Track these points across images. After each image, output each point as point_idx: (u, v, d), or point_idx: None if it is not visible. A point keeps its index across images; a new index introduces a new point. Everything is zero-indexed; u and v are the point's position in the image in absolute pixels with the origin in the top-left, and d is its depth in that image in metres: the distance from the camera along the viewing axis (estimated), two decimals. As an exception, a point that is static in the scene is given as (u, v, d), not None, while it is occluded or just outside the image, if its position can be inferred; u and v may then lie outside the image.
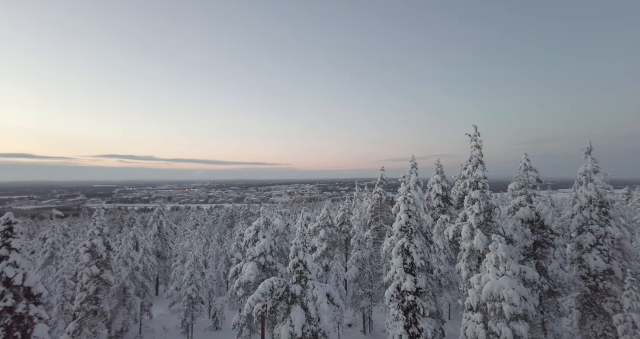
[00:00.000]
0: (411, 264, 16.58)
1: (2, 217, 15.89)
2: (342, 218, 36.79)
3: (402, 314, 15.67)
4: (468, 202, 18.86)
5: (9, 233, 15.66)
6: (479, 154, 18.98)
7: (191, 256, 31.96)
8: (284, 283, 16.31)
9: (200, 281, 31.41)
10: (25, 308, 15.07)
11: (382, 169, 35.76)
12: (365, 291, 27.76)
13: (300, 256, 16.05)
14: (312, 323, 15.06)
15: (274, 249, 23.11)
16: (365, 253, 28.37)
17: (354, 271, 27.77)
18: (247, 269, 21.60)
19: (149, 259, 34.86)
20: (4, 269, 14.88)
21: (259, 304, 15.79)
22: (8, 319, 14.52)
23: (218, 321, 32.29)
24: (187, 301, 29.75)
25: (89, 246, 26.64)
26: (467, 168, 19.66)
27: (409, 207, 17.47)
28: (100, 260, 26.69)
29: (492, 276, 13.18)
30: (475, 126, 19.03)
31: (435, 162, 32.89)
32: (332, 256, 33.51)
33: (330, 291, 16.20)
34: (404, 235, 17.05)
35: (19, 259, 15.49)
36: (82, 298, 25.35)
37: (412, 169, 27.93)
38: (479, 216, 18.12)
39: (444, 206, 31.82)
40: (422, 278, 18.21)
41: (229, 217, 78.36)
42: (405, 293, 15.92)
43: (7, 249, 15.36)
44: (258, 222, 23.69)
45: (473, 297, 13.63)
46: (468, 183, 19.31)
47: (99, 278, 26.16)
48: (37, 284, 15.98)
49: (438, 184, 31.87)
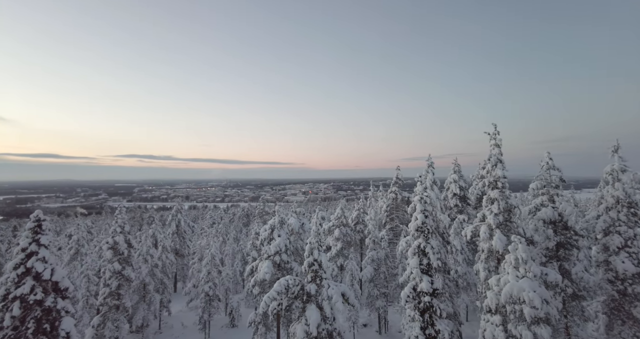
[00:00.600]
0: (428, 265, 16.35)
1: (32, 215, 16.65)
2: (357, 218, 36.64)
3: (418, 315, 15.48)
4: (487, 202, 18.45)
5: (38, 230, 16.38)
6: (498, 153, 18.55)
7: (208, 254, 32.54)
8: (299, 282, 16.41)
9: (217, 278, 31.96)
10: (53, 302, 15.74)
11: (397, 168, 35.39)
12: (381, 291, 27.57)
13: (315, 255, 16.10)
14: (327, 322, 15.09)
15: (289, 248, 23.27)
16: (380, 253, 28.17)
17: (369, 271, 27.62)
18: (262, 268, 21.84)
19: (168, 257, 35.74)
20: (34, 264, 15.58)
21: (274, 303, 15.94)
22: (38, 312, 15.21)
23: (234, 319, 32.77)
24: (204, 298, 30.34)
25: (111, 243, 27.54)
26: (485, 167, 19.23)
27: (426, 207, 17.23)
28: (121, 257, 27.55)
29: (511, 278, 12.83)
30: (494, 124, 18.60)
31: (452, 162, 32.33)
32: (347, 256, 33.43)
33: (346, 290, 16.18)
34: (420, 235, 16.83)
35: (48, 254, 16.18)
36: (105, 293, 26.24)
37: (428, 169, 27.51)
38: (498, 216, 17.69)
39: (461, 206, 31.23)
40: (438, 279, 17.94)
41: (245, 216, 79.35)
42: (421, 294, 15.72)
43: (37, 245, 16.08)
44: (273, 221, 23.92)
45: (492, 299, 13.31)
46: (487, 183, 18.89)
47: (121, 274, 27.01)
48: (63, 279, 16.66)
49: (455, 184, 31.30)
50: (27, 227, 16.53)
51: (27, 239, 16.11)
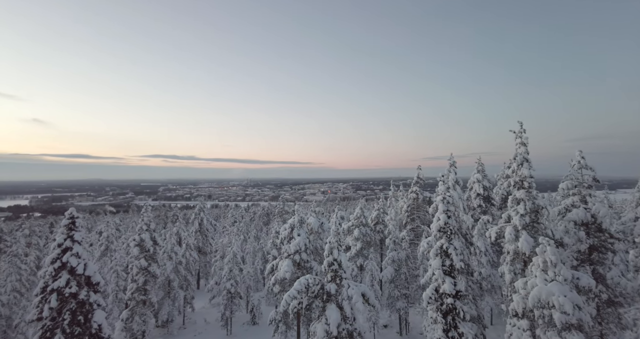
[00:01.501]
0: (450, 266, 15.99)
1: (66, 212, 17.58)
2: (377, 218, 36.30)
3: (440, 318, 15.17)
4: (512, 202, 17.81)
5: (72, 227, 17.27)
6: (524, 152, 17.85)
7: (230, 252, 33.20)
8: (319, 281, 16.45)
9: (238, 276, 32.58)
10: (86, 295, 16.56)
11: (418, 167, 34.78)
12: (402, 292, 27.21)
13: (334, 254, 16.08)
14: (347, 322, 15.05)
15: (309, 247, 23.40)
16: (401, 254, 27.80)
17: (389, 271, 27.32)
18: (282, 266, 22.07)
19: (191, 254, 36.76)
20: (68, 259, 16.45)
21: (294, 301, 16.06)
22: (73, 304, 16.05)
23: (255, 316, 33.28)
24: (226, 295, 31.00)
25: (138, 241, 28.64)
26: (511, 166, 18.56)
27: (448, 208, 16.85)
28: (148, 254, 28.60)
29: (539, 281, 12.33)
30: (520, 122, 17.92)
31: (475, 161, 31.42)
32: (367, 256, 33.21)
33: (366, 291, 16.08)
34: (442, 236, 16.48)
35: (81, 250, 17.04)
36: (132, 288, 27.32)
37: (450, 168, 26.88)
38: (525, 217, 17.04)
39: (485, 207, 30.31)
40: (461, 281, 17.50)
41: (265, 215, 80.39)
42: (444, 296, 15.39)
43: (71, 241, 16.96)
44: (293, 221, 24.12)
45: (518, 303, 12.85)
46: (512, 182, 18.23)
47: (147, 271, 28.04)
48: (95, 273, 17.49)
49: (479, 184, 30.41)
50: (62, 224, 17.46)
51: (63, 235, 17.02)
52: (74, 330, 15.90)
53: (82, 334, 16.15)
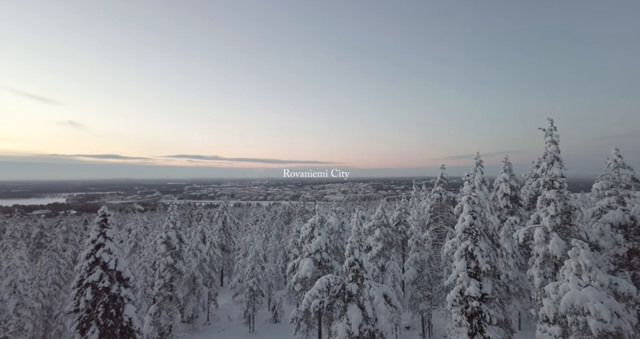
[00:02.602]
0: (476, 268, 15.53)
1: (99, 210, 18.48)
2: (399, 218, 35.82)
3: (465, 321, 14.77)
4: (542, 203, 17.10)
5: (104, 224, 18.13)
6: (555, 150, 17.08)
7: (252, 250, 33.78)
8: (340, 281, 16.45)
9: (260, 274, 33.08)
10: (117, 289, 17.36)
11: (442, 167, 33.97)
12: (424, 293, 26.72)
13: (356, 254, 16.03)
14: (369, 322, 14.96)
15: (329, 246, 23.41)
16: (424, 255, 27.29)
17: (412, 272, 26.90)
18: (304, 265, 22.20)
19: (215, 252, 37.71)
20: (101, 255, 17.30)
21: (316, 301, 16.14)
22: (105, 298, 16.87)
23: (277, 314, 33.68)
24: (248, 293, 31.56)
25: (164, 238, 29.67)
26: (540, 166, 17.82)
27: (474, 208, 16.37)
28: (174, 251, 29.57)
29: (572, 286, 11.74)
30: (550, 119, 17.15)
31: (502, 160, 30.34)
32: (388, 257, 32.83)
33: (388, 291, 15.92)
34: (467, 237, 16.03)
35: (112, 246, 17.87)
36: (160, 284, 28.34)
37: (476, 167, 26.06)
38: (555, 218, 16.31)
39: (512, 207, 29.23)
40: (487, 284, 16.98)
41: (286, 214, 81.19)
42: (469, 298, 14.97)
43: (103, 237, 17.82)
44: (313, 220, 24.21)
45: (549, 308, 12.29)
46: (542, 182, 17.50)
47: (173, 268, 28.99)
48: (125, 269, 18.29)
49: (506, 183, 29.35)
50: (95, 221, 18.37)
51: (96, 232, 17.91)
52: (107, 322, 16.72)
53: (114, 327, 16.94)
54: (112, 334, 16.85)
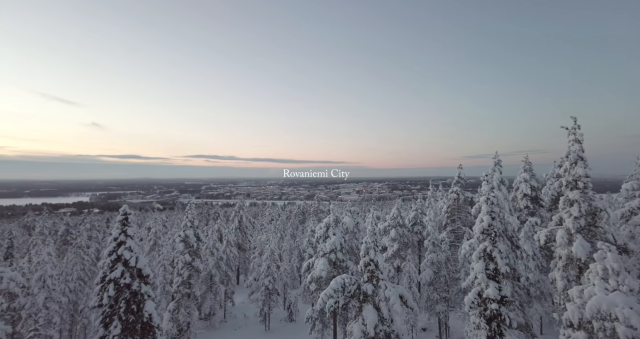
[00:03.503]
0: (494, 270, 15.17)
1: (120, 209, 19.08)
2: (415, 218, 35.34)
3: (484, 324, 14.45)
4: (564, 203, 16.53)
5: (126, 222, 18.70)
6: (578, 149, 16.47)
7: (268, 249, 34.12)
8: (356, 281, 16.40)
9: (276, 273, 33.39)
10: (138, 286, 17.88)
11: (459, 167, 33.31)
12: (441, 295, 26.29)
13: (371, 255, 15.94)
14: (384, 323, 14.86)
15: (344, 246, 23.37)
16: (440, 256, 26.86)
17: (428, 274, 26.51)
18: (318, 265, 22.24)
19: (232, 251, 38.30)
20: (123, 252, 17.85)
21: (331, 300, 16.15)
22: (127, 294, 17.42)
23: (292, 313, 33.90)
24: (264, 291, 31.89)
25: (182, 237, 30.33)
26: (562, 165, 17.21)
27: (493, 209, 15.99)
28: (192, 249, 30.20)
29: (599, 290, 11.29)
30: (574, 118, 16.55)
31: (522, 159, 29.47)
32: (404, 257, 32.47)
33: (404, 292, 15.77)
34: (486, 238, 15.68)
35: (133, 244, 18.41)
36: (178, 281, 29.02)
37: (495, 167, 25.44)
38: (579, 219, 15.73)
39: (532, 208, 28.37)
40: (507, 286, 16.52)
41: (301, 214, 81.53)
42: (488, 301, 14.64)
43: (125, 235, 18.38)
44: (328, 220, 24.21)
45: (574, 312, 11.87)
46: (564, 182, 16.90)
47: (191, 266, 29.62)
48: (145, 266, 18.80)
49: (526, 183, 28.52)
50: (117, 219, 18.96)
51: (117, 230, 18.48)
52: (129, 318, 17.25)
53: (135, 322, 17.47)
54: (133, 329, 17.37)
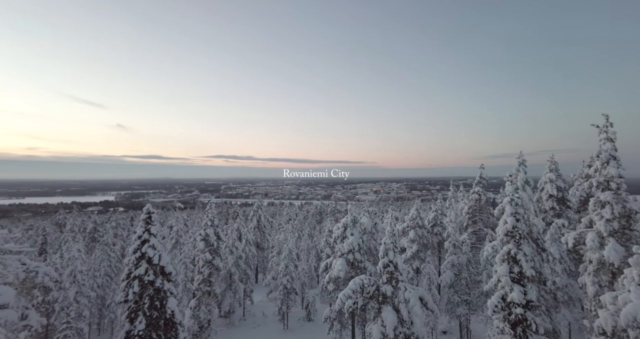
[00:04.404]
0: (519, 274, 14.67)
1: (144, 208, 19.69)
2: (434, 219, 34.71)
3: (508, 328, 14.00)
4: (595, 205, 15.80)
5: (149, 221, 19.27)
6: (610, 148, 15.70)
7: (285, 249, 34.36)
8: (375, 282, 16.25)
9: (293, 272, 33.57)
10: (161, 283, 18.40)
11: (481, 166, 32.47)
12: (462, 298, 25.69)
13: (390, 256, 15.76)
14: (404, 325, 14.66)
15: (362, 247, 23.23)
16: (461, 258, 26.25)
17: (448, 276, 25.97)
18: (336, 265, 22.21)
19: (250, 250, 38.80)
20: (146, 250, 18.41)
21: (350, 301, 16.08)
22: (151, 291, 17.97)
23: (310, 313, 33.98)
24: (282, 290, 32.14)
25: (203, 235, 30.98)
26: (593, 165, 16.46)
27: (517, 210, 15.47)
28: (212, 248, 30.79)
29: (635, 297, 10.71)
30: (606, 115, 15.79)
31: (548, 159, 28.39)
32: (424, 259, 31.95)
33: (424, 294, 15.50)
34: (510, 241, 15.19)
35: (156, 242, 18.95)
36: (199, 279, 29.65)
37: (519, 167, 24.62)
38: (612, 222, 14.99)
39: (559, 209, 27.26)
40: (532, 290, 15.95)
41: (318, 214, 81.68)
42: (512, 305, 14.18)
43: (148, 233, 18.95)
44: (346, 220, 24.12)
45: (606, 320, 11.31)
46: (595, 183, 16.15)
47: (212, 264, 30.20)
48: (168, 264, 19.31)
49: (552, 184, 27.44)
50: (140, 218, 19.58)
51: (141, 228, 19.08)
52: (152, 314, 17.79)
53: (158, 318, 17.99)
54: (157, 325, 17.90)
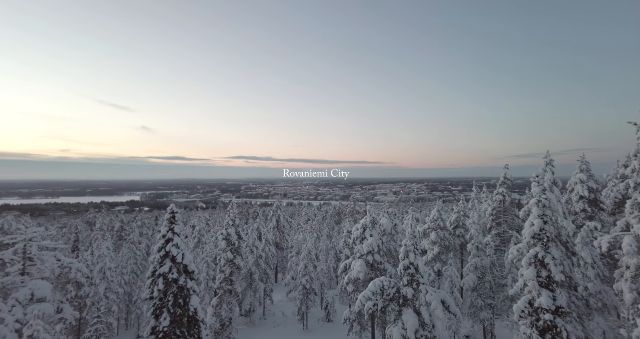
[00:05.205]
0: (547, 278, 14.07)
1: (168, 208, 20.30)
2: (457, 221, 33.87)
3: (537, 335, 13.45)
4: (633, 208, 14.92)
5: (173, 220, 19.85)
6: (650, 147, 14.78)
7: (305, 249, 34.51)
8: (395, 284, 16.04)
9: (313, 273, 33.66)
10: (184, 282, 18.92)
11: (505, 167, 31.39)
12: (486, 302, 24.92)
13: (411, 258, 15.52)
14: (426, 329, 14.39)
15: (382, 248, 22.98)
16: (485, 261, 25.48)
17: (472, 279, 25.27)
18: (356, 267, 22.08)
19: (270, 249, 39.26)
20: (170, 249, 18.97)
21: (370, 303, 15.94)
22: (175, 288, 18.52)
23: (330, 314, 33.93)
24: (302, 291, 32.29)
25: (225, 235, 31.61)
26: (629, 165, 15.54)
27: (545, 212, 14.86)
28: (233, 247, 31.38)
29: (675, 306, 10.04)
30: (643, 111, 14.89)
31: (578, 159, 27.06)
32: (445, 261, 31.25)
33: (446, 298, 15.17)
34: (537, 244, 14.60)
35: (180, 241, 19.50)
36: (221, 278, 30.28)
37: (546, 167, 23.60)
38: (651, 225, 14.06)
39: (591, 212, 25.92)
40: (562, 296, 15.26)
41: (337, 215, 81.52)
42: (540, 311, 13.61)
43: (172, 233, 19.52)
44: (365, 221, 23.94)
45: (643, 329, 10.67)
46: (632, 184, 15.24)
47: (233, 263, 30.77)
48: (191, 263, 19.83)
49: (583, 185, 26.13)
50: (165, 218, 20.19)
51: (166, 227, 19.68)
52: (176, 311, 18.32)
53: (182, 316, 18.51)
54: (180, 322, 18.42)
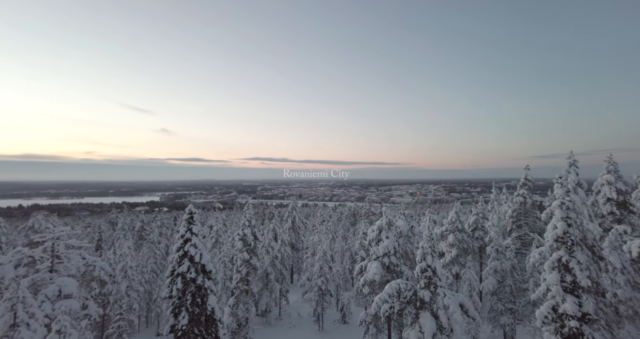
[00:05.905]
0: (572, 283, 13.55)
1: (186, 208, 20.76)
2: (475, 223, 33.08)
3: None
4: (664, 209, 14.16)
5: (191, 221, 20.28)
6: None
7: (320, 250, 34.50)
8: (412, 287, 15.81)
9: (328, 274, 33.60)
10: (202, 281, 19.29)
11: (526, 167, 30.42)
12: (506, 306, 24.21)
13: (428, 260, 15.26)
14: (443, 332, 14.11)
15: (398, 250, 22.70)
16: (505, 264, 24.77)
17: (491, 282, 24.61)
18: (371, 268, 21.90)
19: (286, 250, 39.46)
20: (188, 249, 19.39)
21: (386, 305, 15.77)
22: (192, 288, 18.90)
23: (345, 315, 33.78)
24: (317, 292, 32.28)
25: (241, 235, 31.98)
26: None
27: (568, 214, 14.32)
28: (249, 247, 31.71)
29: None
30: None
31: (605, 159, 25.95)
32: (463, 264, 30.55)
33: (464, 301, 14.82)
34: (560, 247, 14.10)
35: (197, 241, 19.89)
36: (237, 278, 30.65)
37: (570, 168, 22.75)
38: (685, 229, 13.33)
39: (619, 214, 24.78)
40: (588, 302, 14.66)
41: (352, 216, 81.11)
42: (565, 317, 13.13)
43: (190, 233, 19.94)
44: (381, 223, 23.72)
45: (677, 338, 10.10)
46: (663, 184, 14.50)
47: (249, 263, 31.09)
48: (208, 263, 20.19)
49: (610, 186, 25.03)
50: (183, 218, 20.65)
51: (184, 228, 20.12)
52: (194, 310, 18.69)
53: (200, 315, 18.87)
54: (198, 320, 18.78)
